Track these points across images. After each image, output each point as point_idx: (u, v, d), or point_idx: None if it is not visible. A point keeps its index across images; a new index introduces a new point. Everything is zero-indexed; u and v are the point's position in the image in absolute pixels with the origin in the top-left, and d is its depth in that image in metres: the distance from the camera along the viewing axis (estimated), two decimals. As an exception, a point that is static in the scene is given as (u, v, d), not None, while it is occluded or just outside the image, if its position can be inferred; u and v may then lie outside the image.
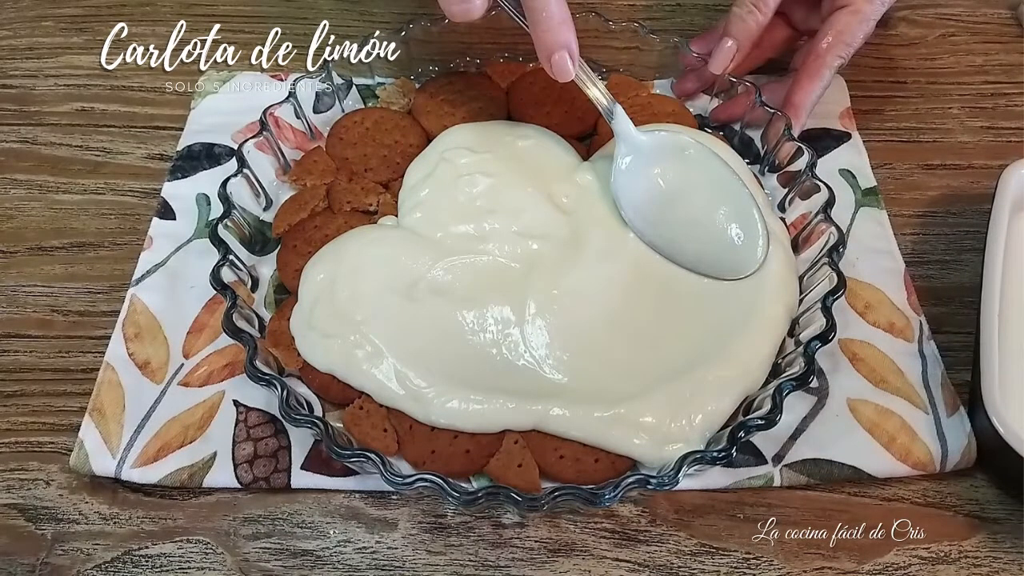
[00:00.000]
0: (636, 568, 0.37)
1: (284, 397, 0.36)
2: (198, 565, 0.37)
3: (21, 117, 0.55)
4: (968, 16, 0.62)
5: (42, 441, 0.41)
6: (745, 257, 0.42)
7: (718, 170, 0.44)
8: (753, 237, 0.43)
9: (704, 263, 0.43)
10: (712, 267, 0.43)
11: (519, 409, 0.38)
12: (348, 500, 0.39)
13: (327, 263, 0.42)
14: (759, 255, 0.42)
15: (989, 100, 0.56)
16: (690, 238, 0.43)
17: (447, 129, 0.49)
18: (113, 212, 0.50)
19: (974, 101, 0.56)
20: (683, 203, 0.44)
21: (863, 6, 0.47)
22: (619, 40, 0.53)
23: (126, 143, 0.54)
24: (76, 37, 0.60)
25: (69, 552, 0.38)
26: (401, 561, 0.38)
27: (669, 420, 0.37)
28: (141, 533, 0.38)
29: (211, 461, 0.39)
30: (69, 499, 0.39)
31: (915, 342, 0.43)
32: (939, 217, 0.50)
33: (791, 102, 0.48)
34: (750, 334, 0.40)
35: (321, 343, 0.39)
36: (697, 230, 0.44)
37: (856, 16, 0.48)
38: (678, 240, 0.44)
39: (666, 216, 0.44)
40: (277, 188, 0.48)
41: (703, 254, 0.43)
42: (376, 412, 0.39)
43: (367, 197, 0.47)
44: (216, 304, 0.44)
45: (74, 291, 0.47)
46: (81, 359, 0.44)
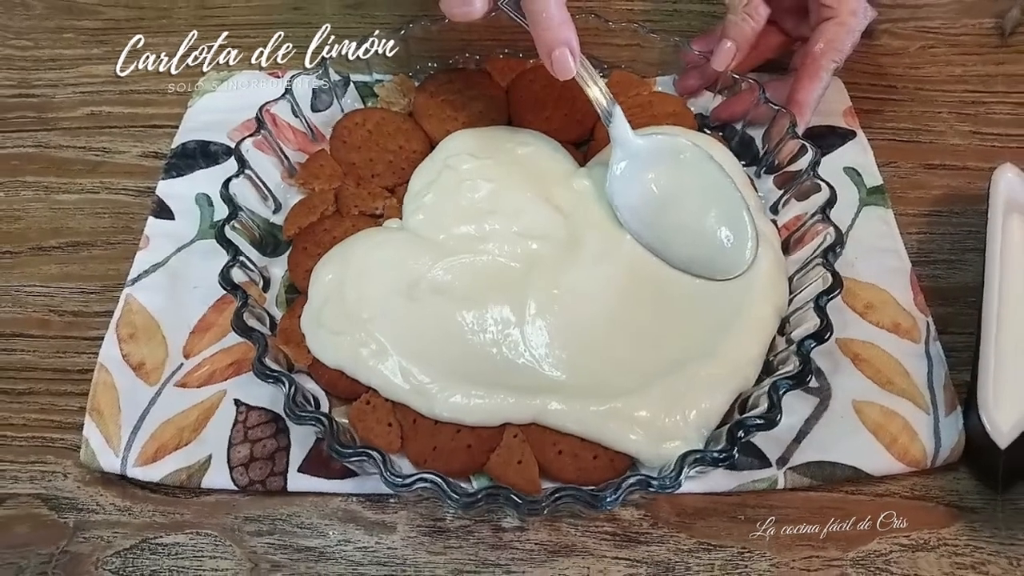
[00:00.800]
0: (634, 564, 0.37)
1: (291, 394, 0.36)
2: (211, 554, 0.38)
3: (39, 123, 0.55)
4: (946, 28, 0.61)
5: (54, 437, 0.42)
6: (735, 259, 0.43)
7: (711, 174, 0.45)
8: (743, 240, 0.43)
9: (695, 264, 0.44)
10: (703, 268, 0.43)
11: (519, 403, 0.38)
12: (346, 503, 0.39)
13: (335, 264, 0.43)
14: (748, 257, 0.43)
15: (971, 107, 0.56)
16: (682, 241, 0.44)
17: (449, 135, 0.49)
18: (107, 211, 0.50)
19: (959, 107, 0.56)
20: (676, 207, 0.45)
21: (848, 19, 0.48)
22: (619, 38, 0.53)
23: (125, 142, 0.53)
24: (96, 48, 0.60)
25: (90, 540, 0.38)
26: (402, 559, 0.38)
27: (663, 415, 0.38)
28: (154, 524, 0.39)
29: (207, 463, 0.39)
30: (86, 491, 0.40)
31: (922, 343, 0.43)
32: (943, 216, 0.49)
33: (795, 100, 0.49)
34: (739, 333, 0.40)
35: (330, 340, 0.40)
36: (689, 233, 0.44)
37: (843, 27, 0.48)
38: (671, 242, 0.44)
39: (659, 219, 0.45)
40: (285, 191, 0.48)
41: (695, 256, 0.44)
42: (382, 407, 0.39)
43: (374, 201, 0.47)
44: (224, 304, 0.44)
45: (68, 291, 0.46)
46: (76, 360, 0.44)
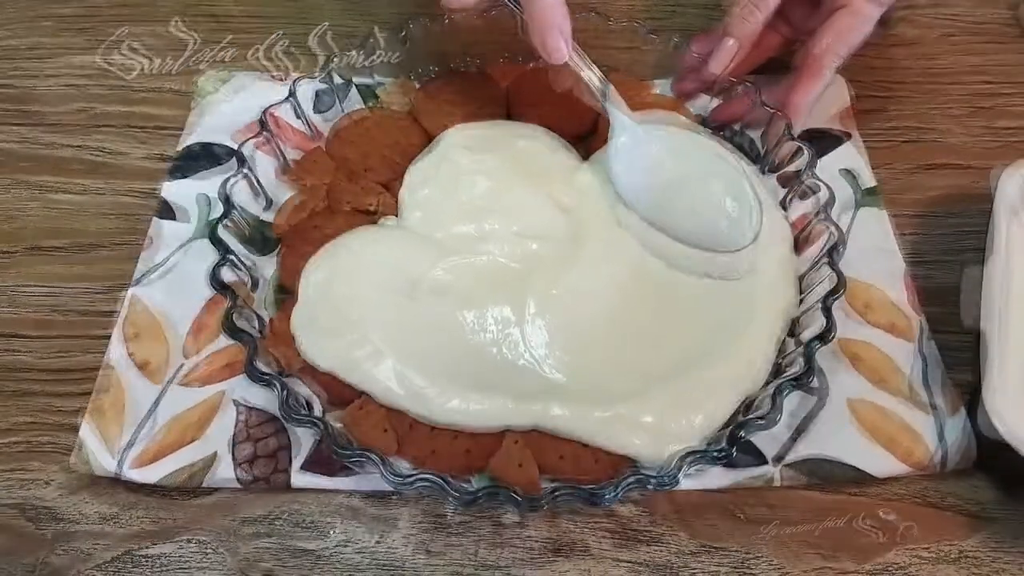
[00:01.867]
0: (636, 567, 0.37)
1: (284, 397, 0.36)
2: (198, 565, 0.37)
3: (21, 117, 0.55)
4: (967, 16, 0.62)
5: (42, 441, 0.41)
6: (739, 228, 0.43)
7: (709, 147, 0.45)
8: (745, 207, 0.43)
9: (700, 236, 0.43)
10: (709, 239, 0.43)
11: (519, 409, 0.38)
12: (348, 500, 0.39)
13: (327, 263, 0.42)
14: (753, 225, 0.42)
15: (988, 100, 0.56)
16: (685, 212, 0.44)
17: (448, 129, 0.49)
18: (113, 212, 0.50)
19: (973, 101, 0.56)
20: (676, 179, 0.45)
21: (863, 6, 0.47)
22: (619, 40, 0.53)
23: (126, 143, 0.53)
24: (76, 37, 0.60)
25: (69, 552, 0.38)
26: (401, 561, 0.38)
27: (669, 420, 0.37)
28: (141, 533, 0.38)
29: (211, 461, 0.39)
30: (69, 499, 0.39)
31: (915, 342, 0.43)
32: (939, 217, 0.50)
33: (790, 102, 0.49)
34: (749, 334, 0.40)
35: (321, 343, 0.39)
36: (691, 203, 0.44)
37: (856, 17, 0.48)
38: (674, 214, 0.44)
39: (661, 193, 0.44)
40: (277, 188, 0.48)
41: (699, 227, 0.43)
42: (376, 412, 0.39)
43: (367, 197, 0.47)
44: (216, 304, 0.44)
45: (73, 291, 0.47)
46: (81, 359, 0.44)
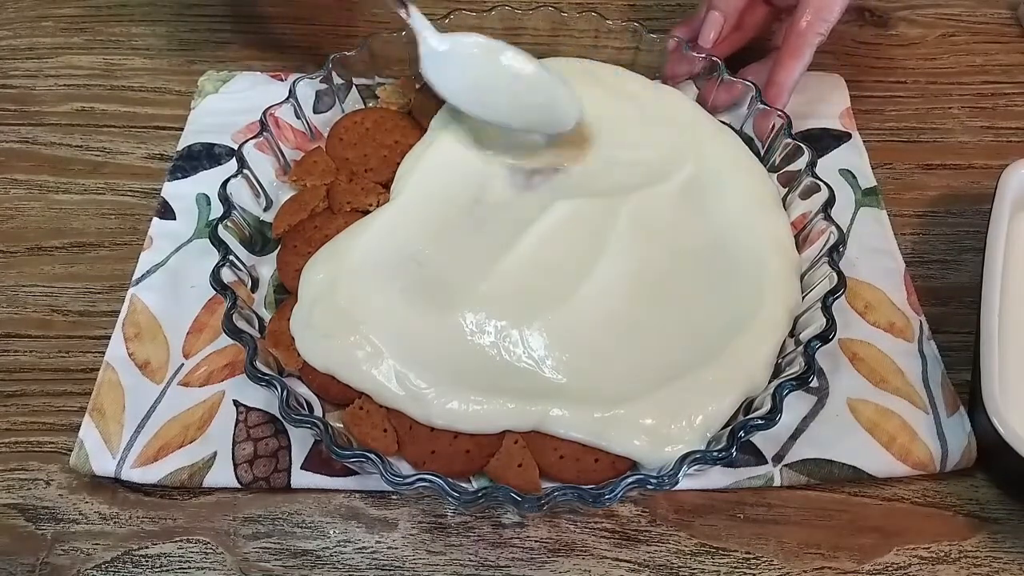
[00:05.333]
0: (636, 568, 0.37)
1: (284, 397, 0.36)
2: (198, 565, 0.37)
3: (21, 117, 0.55)
4: (968, 16, 0.62)
5: (42, 441, 0.41)
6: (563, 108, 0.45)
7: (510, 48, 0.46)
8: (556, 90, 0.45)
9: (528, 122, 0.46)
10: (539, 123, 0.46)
11: (519, 410, 0.38)
12: (348, 500, 0.39)
13: (327, 263, 0.42)
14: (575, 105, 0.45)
15: (989, 100, 0.56)
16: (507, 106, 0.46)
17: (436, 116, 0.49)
18: (113, 212, 0.50)
19: (974, 101, 0.56)
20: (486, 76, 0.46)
21: None
22: (619, 40, 0.53)
23: (126, 143, 0.53)
24: (76, 37, 0.60)
25: (69, 552, 0.37)
26: (401, 561, 0.38)
27: (669, 421, 0.37)
28: (141, 533, 0.38)
29: (211, 461, 0.39)
30: (69, 499, 0.39)
31: (915, 342, 0.44)
32: (939, 217, 0.50)
33: (773, 81, 0.49)
34: (751, 334, 0.40)
35: (321, 343, 0.39)
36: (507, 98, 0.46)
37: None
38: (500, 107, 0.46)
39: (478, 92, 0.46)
40: (277, 188, 0.48)
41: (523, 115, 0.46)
42: (376, 412, 0.39)
43: (367, 197, 0.46)
44: (216, 304, 0.44)
45: (74, 291, 0.47)
46: (81, 359, 0.44)
